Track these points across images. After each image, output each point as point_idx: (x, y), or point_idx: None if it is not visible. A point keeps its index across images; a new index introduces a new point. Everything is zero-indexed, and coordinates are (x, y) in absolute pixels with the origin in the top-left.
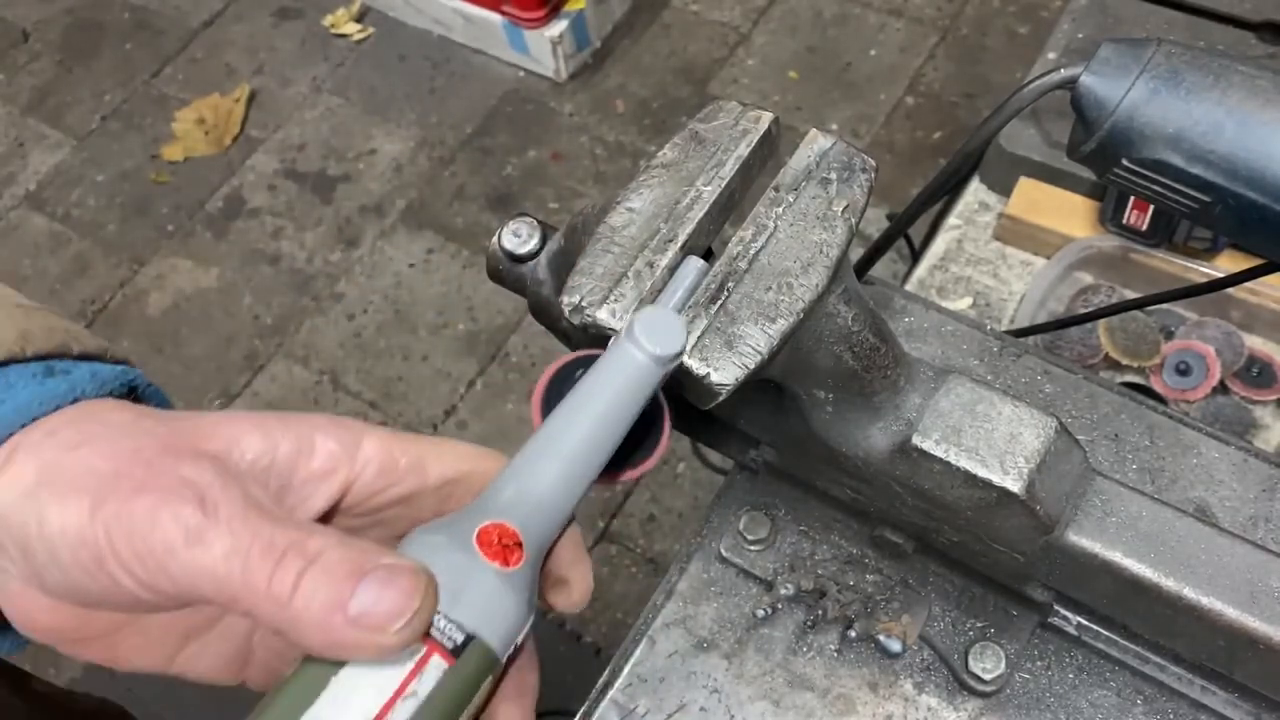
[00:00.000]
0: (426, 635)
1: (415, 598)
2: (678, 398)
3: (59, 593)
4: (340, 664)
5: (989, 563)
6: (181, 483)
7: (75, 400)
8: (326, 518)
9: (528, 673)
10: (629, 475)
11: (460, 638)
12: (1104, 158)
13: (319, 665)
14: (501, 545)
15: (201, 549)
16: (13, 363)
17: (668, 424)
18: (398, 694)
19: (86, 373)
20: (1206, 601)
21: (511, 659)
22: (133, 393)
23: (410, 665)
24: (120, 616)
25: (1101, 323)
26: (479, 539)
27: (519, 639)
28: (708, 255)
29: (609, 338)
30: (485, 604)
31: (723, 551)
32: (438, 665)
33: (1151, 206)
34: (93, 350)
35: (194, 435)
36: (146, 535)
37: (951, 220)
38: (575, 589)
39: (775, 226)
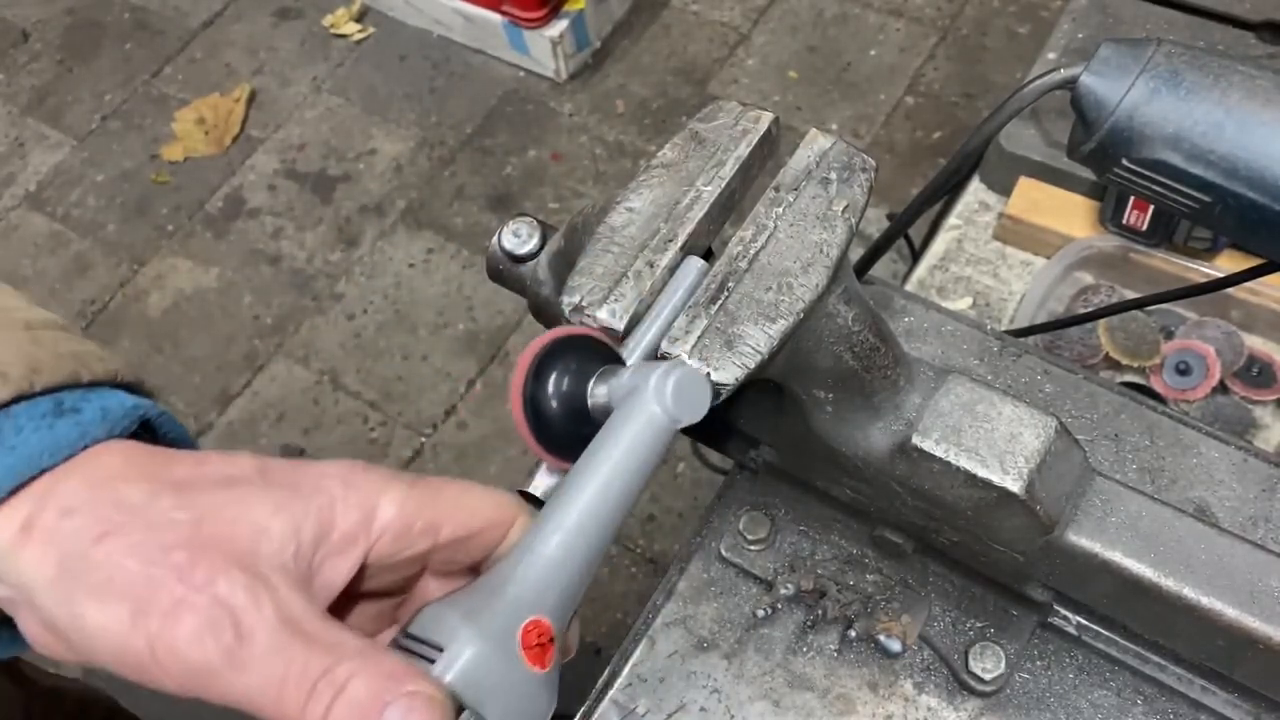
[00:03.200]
0: None
1: None
2: None
3: (93, 664)
4: None
5: (989, 563)
6: (217, 604)
7: (86, 446)
8: (353, 582)
9: None
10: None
11: None
12: (1104, 158)
13: None
14: (539, 645)
15: (240, 675)
16: (20, 398)
17: None
18: None
19: (97, 412)
20: (1206, 601)
21: None
22: (145, 424)
23: None
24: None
25: (1101, 323)
26: (523, 642)
27: None
28: (708, 255)
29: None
30: (526, 712)
31: (723, 551)
32: None
33: (1151, 206)
34: (102, 377)
35: (218, 527)
36: (190, 659)
37: (951, 220)
38: (569, 653)
39: (775, 226)
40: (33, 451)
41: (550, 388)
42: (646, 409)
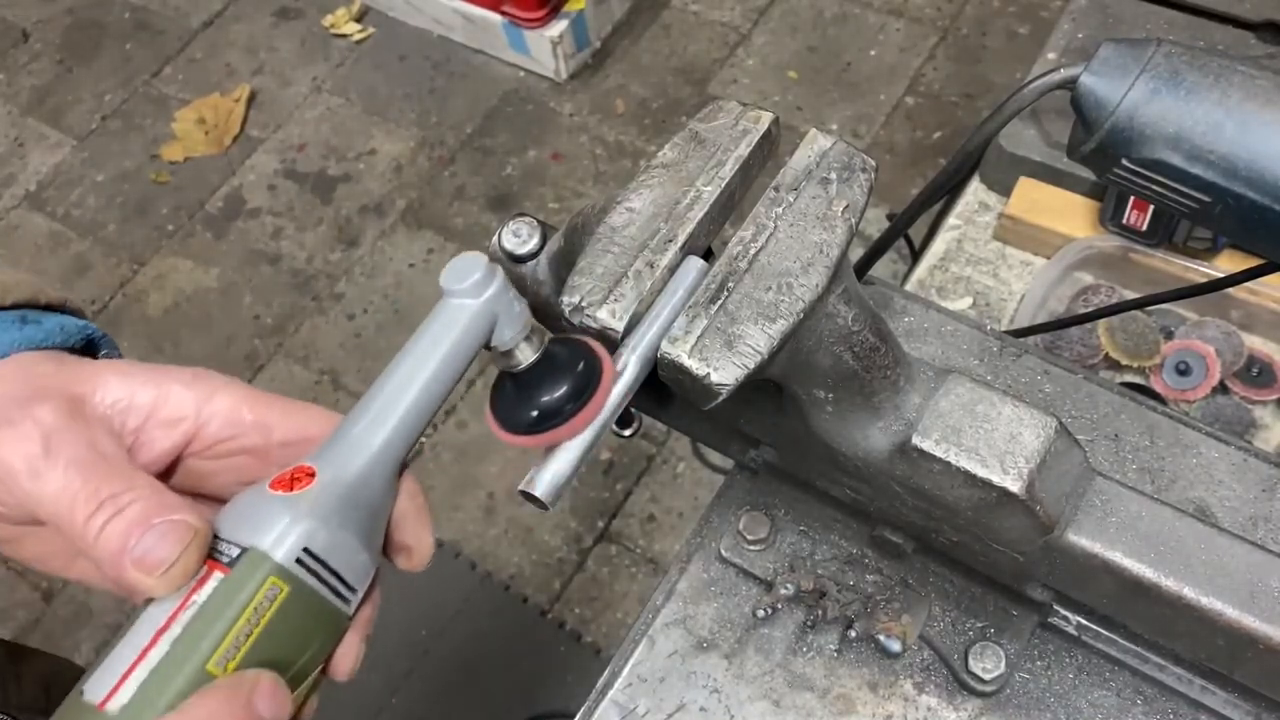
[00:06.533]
0: (211, 559)
1: (180, 545)
2: (678, 398)
3: None
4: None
5: (989, 563)
6: (32, 420)
7: (41, 348)
8: (175, 463)
9: (365, 607)
10: (548, 437)
11: (235, 552)
12: (1104, 158)
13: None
14: (292, 479)
15: (38, 483)
16: None
17: (604, 387)
18: (181, 606)
19: (55, 325)
20: (1206, 601)
21: (321, 575)
22: (90, 343)
23: (194, 584)
24: (16, 527)
25: (1101, 323)
26: (273, 480)
27: (318, 552)
28: (708, 255)
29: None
30: (257, 520)
31: (723, 551)
32: (216, 578)
33: (1151, 206)
34: (55, 301)
35: (69, 380)
36: (4, 460)
37: (951, 220)
38: (415, 552)
39: (775, 226)
40: (6, 344)
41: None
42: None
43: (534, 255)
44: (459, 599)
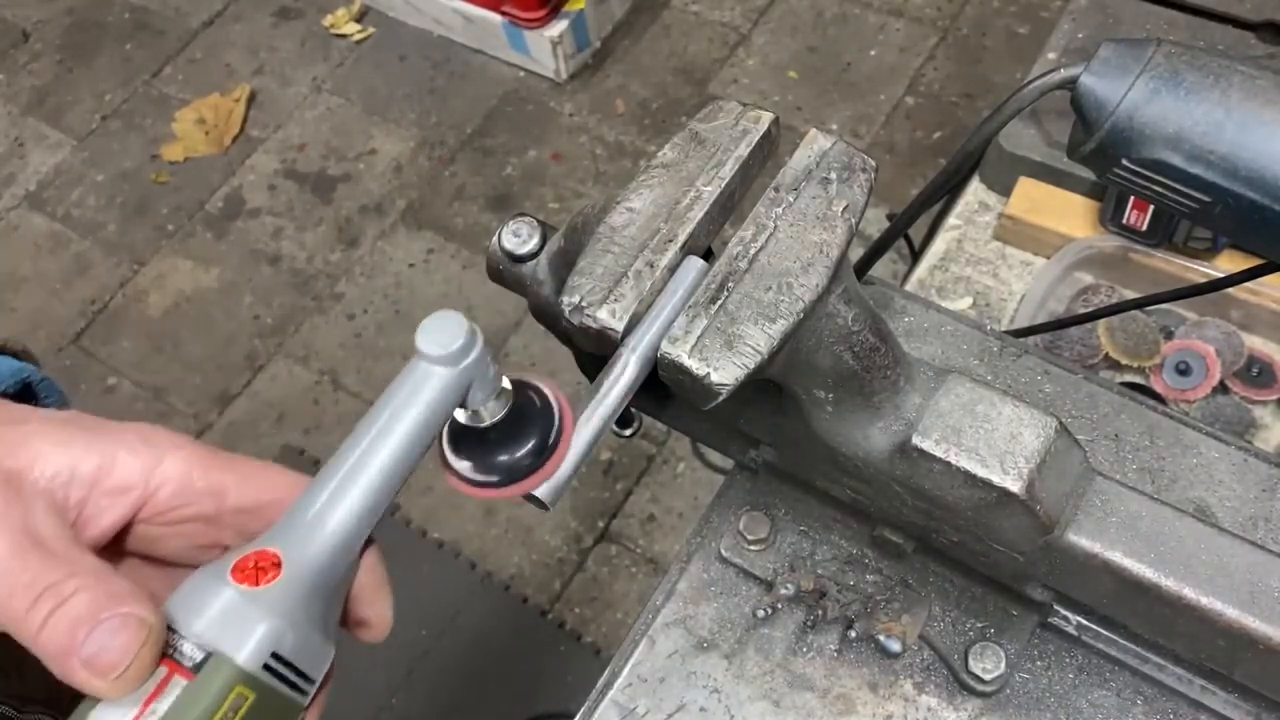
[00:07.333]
0: (169, 658)
1: (134, 645)
2: (678, 398)
3: None
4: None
5: (989, 563)
6: None
7: None
8: (126, 529)
9: (322, 690)
10: (511, 490)
11: (199, 656)
12: (1104, 158)
13: (89, 697)
14: (256, 569)
15: None
16: None
17: (565, 444)
18: (138, 715)
19: None
20: (1206, 601)
21: (287, 677)
22: (28, 388)
23: (153, 688)
24: None
25: (1101, 323)
26: (235, 566)
27: (285, 654)
28: (708, 255)
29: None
30: (224, 621)
31: (723, 551)
32: (177, 684)
33: (1151, 206)
34: None
35: (2, 452)
36: None
37: (951, 220)
38: (375, 626)
39: (775, 226)
40: None
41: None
42: (409, 364)
43: (534, 255)
44: (459, 599)
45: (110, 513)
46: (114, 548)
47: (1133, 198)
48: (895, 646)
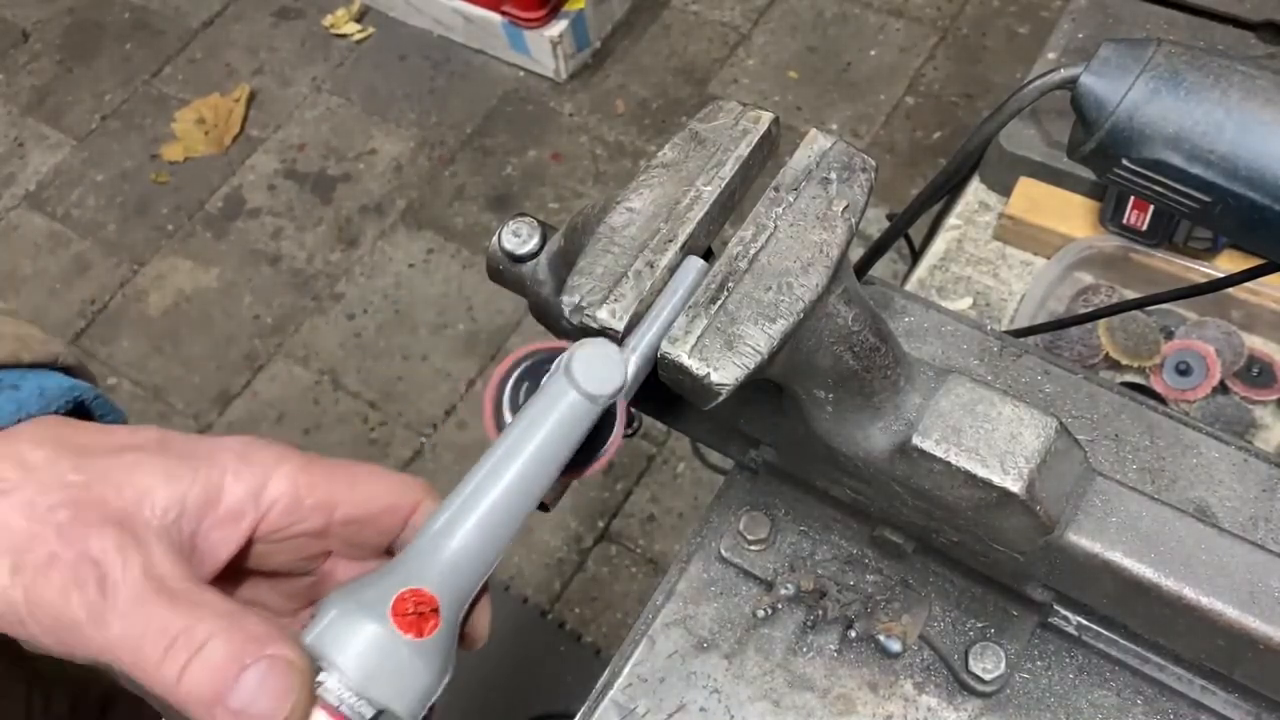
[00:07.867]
0: (326, 704)
1: (287, 691)
2: (678, 398)
3: None
4: None
5: (989, 563)
6: (86, 560)
7: (20, 420)
8: (241, 553)
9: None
10: (566, 479)
11: (369, 713)
12: (1104, 158)
13: None
14: (417, 614)
15: (101, 630)
16: None
17: (619, 429)
18: None
19: (34, 389)
20: (1206, 601)
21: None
22: (81, 405)
23: None
24: None
25: (1101, 323)
26: (394, 609)
27: (432, 701)
28: (708, 255)
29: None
30: (398, 679)
31: (723, 551)
32: None
33: (1151, 206)
34: (42, 358)
35: (105, 489)
36: (58, 612)
37: (951, 220)
38: (479, 640)
39: (775, 226)
40: None
41: (512, 399)
42: (554, 385)
43: (534, 255)
44: None
45: (226, 545)
46: (229, 570)
47: (1133, 198)
48: (895, 646)
